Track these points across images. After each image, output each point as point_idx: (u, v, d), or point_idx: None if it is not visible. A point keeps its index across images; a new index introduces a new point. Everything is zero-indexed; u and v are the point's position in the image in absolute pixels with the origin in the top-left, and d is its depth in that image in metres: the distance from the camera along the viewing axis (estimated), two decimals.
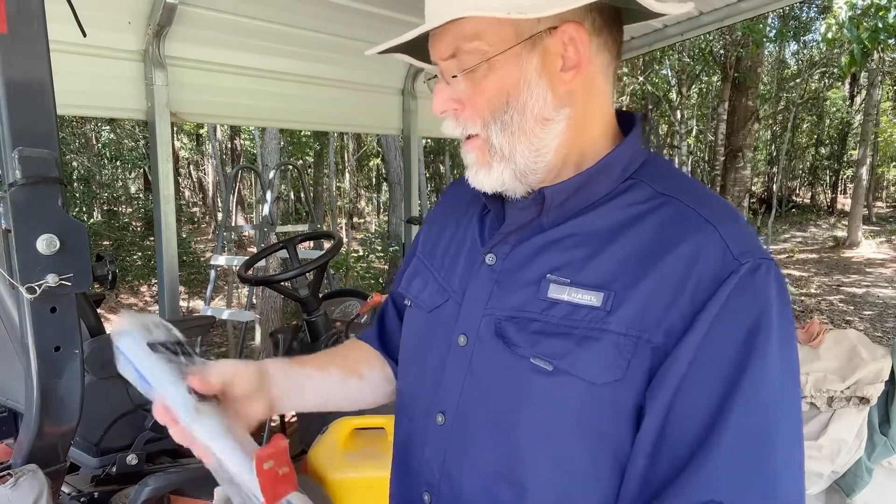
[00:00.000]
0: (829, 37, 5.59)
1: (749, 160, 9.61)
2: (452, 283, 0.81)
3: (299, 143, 13.44)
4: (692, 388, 0.64)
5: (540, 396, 0.69)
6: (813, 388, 1.92)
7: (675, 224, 0.68)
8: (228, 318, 4.10)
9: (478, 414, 0.75)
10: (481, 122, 0.73)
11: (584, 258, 0.70)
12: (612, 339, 0.66)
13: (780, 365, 0.64)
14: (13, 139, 1.12)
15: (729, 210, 0.71)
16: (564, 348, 0.67)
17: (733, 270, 0.64)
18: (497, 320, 0.73)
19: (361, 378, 0.94)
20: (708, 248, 0.66)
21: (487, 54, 0.69)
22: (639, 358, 0.65)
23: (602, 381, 0.66)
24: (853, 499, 1.98)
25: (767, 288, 0.65)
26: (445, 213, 0.91)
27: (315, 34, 2.93)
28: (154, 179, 2.70)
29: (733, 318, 0.64)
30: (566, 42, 0.70)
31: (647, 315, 0.65)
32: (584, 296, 0.68)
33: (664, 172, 0.75)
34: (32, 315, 1.17)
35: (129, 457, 1.89)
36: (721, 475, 0.61)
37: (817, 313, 8.33)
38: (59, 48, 1.80)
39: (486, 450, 0.74)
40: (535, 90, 0.71)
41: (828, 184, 22.90)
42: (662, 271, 0.66)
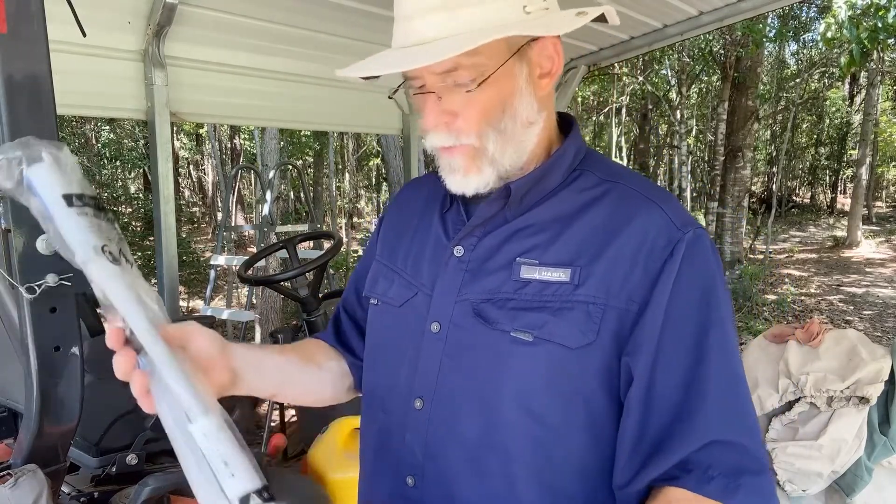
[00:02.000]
0: (829, 36, 5.58)
1: (749, 160, 9.60)
2: (420, 277, 0.87)
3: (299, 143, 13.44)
4: (669, 347, 0.73)
5: (520, 364, 0.76)
6: (813, 388, 1.92)
7: (624, 204, 0.79)
8: (228, 318, 4.10)
9: (459, 392, 0.80)
10: (476, 133, 0.78)
11: (548, 241, 0.79)
12: (583, 308, 0.75)
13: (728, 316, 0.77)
14: (13, 139, 1.12)
15: (664, 190, 0.84)
16: (542, 320, 0.76)
17: (679, 239, 0.75)
18: (473, 304, 0.80)
19: (320, 368, 0.97)
20: (655, 222, 0.77)
21: (488, 68, 0.75)
22: (607, 322, 0.75)
23: (577, 345, 0.75)
24: (853, 499, 1.98)
25: (708, 253, 0.77)
26: (401, 217, 0.97)
27: (315, 34, 2.93)
28: (154, 179, 2.70)
29: (690, 281, 0.75)
30: (543, 51, 0.79)
31: (610, 284, 0.75)
32: (553, 273, 0.77)
33: (602, 162, 0.87)
34: (32, 315, 1.17)
35: (129, 457, 1.89)
36: (713, 419, 0.71)
37: (817, 313, 8.33)
38: (59, 48, 1.79)
39: (471, 424, 0.79)
40: (525, 97, 0.79)
41: (827, 184, 22.90)
42: (619, 244, 0.76)
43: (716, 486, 0.70)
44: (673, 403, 0.72)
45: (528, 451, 0.77)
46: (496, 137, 0.78)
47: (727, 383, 0.73)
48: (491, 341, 0.78)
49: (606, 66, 4.82)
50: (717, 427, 0.71)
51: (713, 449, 0.71)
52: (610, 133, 15.52)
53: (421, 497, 0.83)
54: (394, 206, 1.03)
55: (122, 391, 1.99)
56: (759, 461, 0.72)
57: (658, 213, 0.77)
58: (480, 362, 0.79)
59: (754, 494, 0.70)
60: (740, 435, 0.72)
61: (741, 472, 0.71)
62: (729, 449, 0.71)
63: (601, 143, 17.69)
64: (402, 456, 0.85)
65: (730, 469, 0.70)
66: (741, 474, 0.70)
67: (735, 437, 0.71)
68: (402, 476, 0.85)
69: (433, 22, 0.73)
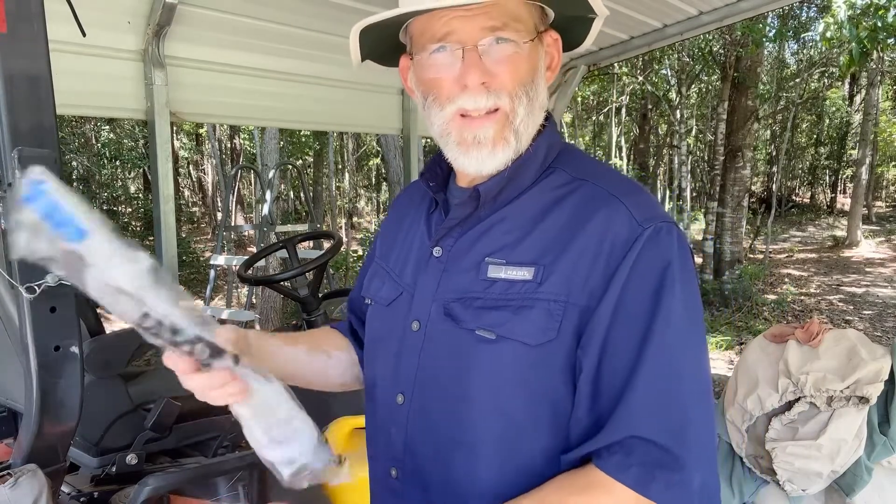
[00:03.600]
0: (828, 36, 5.58)
1: (748, 160, 9.60)
2: (405, 277, 0.91)
3: (299, 143, 13.44)
4: (614, 340, 0.74)
5: (485, 362, 0.78)
6: (812, 388, 1.92)
7: (588, 202, 0.79)
8: (228, 318, 4.10)
9: (432, 389, 0.84)
10: (509, 95, 0.79)
11: (516, 240, 0.81)
12: (544, 306, 0.76)
13: (684, 313, 0.75)
14: (13, 139, 1.12)
15: (632, 185, 0.83)
16: (503, 318, 0.77)
17: (639, 235, 0.76)
18: (446, 303, 0.83)
19: (329, 356, 1.02)
20: (616, 219, 0.77)
21: (527, 37, 0.79)
22: (568, 319, 0.76)
23: (538, 342, 0.76)
24: (853, 498, 1.98)
25: (669, 247, 0.76)
26: (397, 219, 1.01)
27: (315, 34, 2.93)
28: (154, 179, 2.70)
29: (642, 275, 0.75)
30: (551, 45, 0.84)
31: (572, 281, 0.76)
32: (518, 272, 0.78)
33: (578, 160, 0.87)
34: (32, 315, 1.17)
35: (128, 456, 1.89)
36: (638, 414, 0.72)
37: (817, 313, 8.33)
38: (58, 48, 1.79)
39: (441, 420, 0.82)
40: (542, 80, 0.83)
41: (827, 183, 22.90)
42: (581, 243, 0.77)
43: (631, 476, 0.71)
44: (614, 390, 0.73)
45: (492, 446, 0.79)
46: (526, 104, 0.80)
47: (661, 380, 0.72)
48: (458, 340, 0.80)
49: (606, 65, 4.82)
50: (639, 422, 0.71)
51: (633, 442, 0.71)
52: (610, 133, 15.51)
53: (402, 489, 0.88)
54: (391, 209, 1.07)
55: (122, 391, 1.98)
56: (678, 460, 0.71)
57: (620, 210, 0.77)
58: (450, 360, 0.81)
59: (671, 488, 0.71)
60: (659, 434, 0.71)
61: (657, 466, 0.71)
62: (647, 445, 0.71)
63: (601, 142, 17.69)
64: (388, 448, 0.90)
65: (646, 462, 0.71)
66: (656, 468, 0.71)
67: (654, 435, 0.71)
68: (387, 467, 0.90)
69: None
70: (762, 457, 2.02)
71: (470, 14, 0.76)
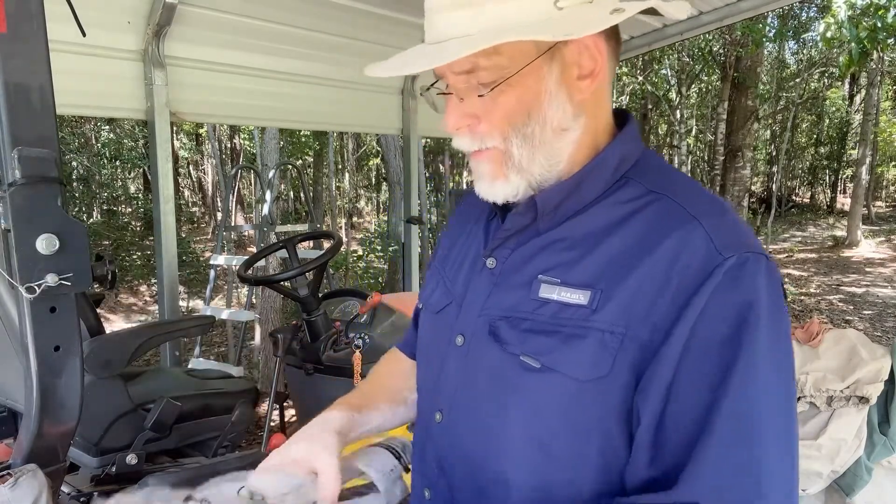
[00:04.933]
0: (828, 36, 5.58)
1: (748, 160, 9.61)
2: (456, 286, 0.84)
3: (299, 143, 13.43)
4: (681, 389, 0.64)
5: (529, 392, 0.71)
6: (812, 388, 1.92)
7: (662, 220, 0.69)
8: (228, 318, 4.09)
9: (469, 412, 0.77)
10: (500, 136, 0.72)
11: (575, 259, 0.72)
12: (597, 337, 0.67)
13: (770, 363, 0.64)
14: (13, 139, 1.12)
15: (716, 204, 0.71)
16: (551, 345, 0.69)
17: (717, 265, 0.64)
18: (492, 320, 0.75)
19: (407, 404, 0.97)
20: (691, 243, 0.66)
21: (508, 70, 0.68)
22: (625, 354, 0.66)
23: (587, 378, 0.67)
24: (853, 498, 1.98)
25: (754, 283, 0.65)
26: (460, 222, 0.93)
27: (315, 34, 2.94)
28: (154, 179, 2.70)
29: (716, 316, 0.64)
30: (582, 51, 0.70)
31: (632, 311, 0.66)
32: (573, 294, 0.70)
33: (657, 170, 0.76)
34: (32, 315, 1.17)
35: (128, 456, 1.89)
36: (705, 478, 0.62)
37: (817, 313, 8.33)
38: (58, 48, 1.80)
39: (477, 447, 0.76)
40: (556, 101, 0.71)
41: (827, 183, 22.90)
42: (648, 268, 0.67)
43: None
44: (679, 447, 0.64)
45: (529, 483, 0.72)
46: (521, 143, 0.72)
47: (738, 442, 0.62)
48: (501, 363, 0.73)
49: None
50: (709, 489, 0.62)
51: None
52: None
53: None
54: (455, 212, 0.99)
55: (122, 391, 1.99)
56: None
57: (698, 233, 0.66)
58: (490, 384, 0.75)
59: None
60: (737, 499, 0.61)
61: None
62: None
63: None
64: (423, 466, 0.85)
65: None
66: None
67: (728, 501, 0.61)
68: (422, 487, 0.85)
69: (455, 18, 0.68)
70: None
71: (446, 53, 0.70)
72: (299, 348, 2.53)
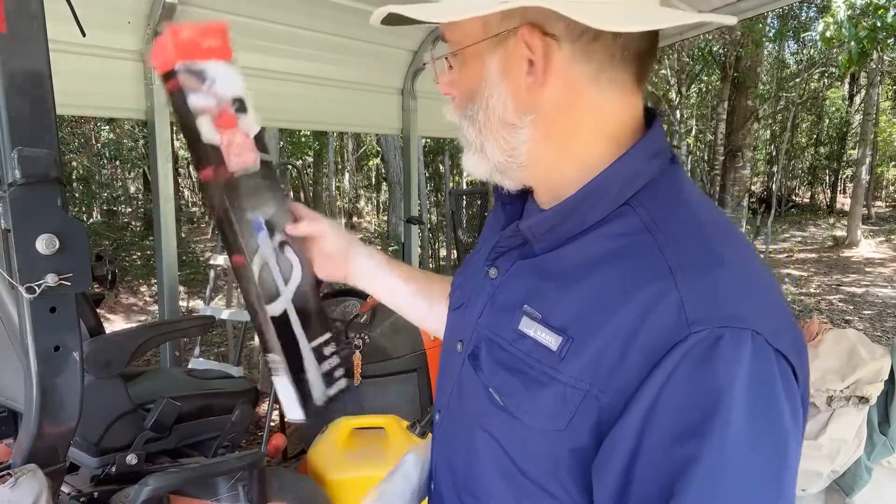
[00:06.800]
0: (828, 36, 5.58)
1: (748, 160, 9.61)
2: (468, 288, 0.80)
3: (299, 143, 13.44)
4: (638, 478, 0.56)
5: (496, 426, 0.67)
6: (812, 388, 1.92)
7: (640, 267, 0.59)
8: (228, 318, 4.09)
9: (457, 420, 0.76)
10: (459, 112, 0.70)
11: (558, 294, 0.64)
12: (559, 388, 0.60)
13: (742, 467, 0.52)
14: (12, 139, 1.12)
15: (709, 256, 0.59)
16: (514, 386, 0.65)
17: (681, 339, 0.54)
18: (478, 338, 0.72)
19: (430, 305, 0.98)
20: (662, 304, 0.56)
21: (461, 44, 0.67)
22: (585, 411, 0.59)
23: (541, 429, 0.62)
24: (853, 498, 1.98)
25: (728, 367, 0.53)
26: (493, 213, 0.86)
27: (315, 34, 2.94)
28: (154, 179, 2.70)
29: (675, 403, 0.54)
30: (525, 44, 0.63)
31: (598, 368, 0.58)
32: (547, 336, 0.63)
33: (668, 196, 0.65)
34: (32, 315, 1.17)
35: (128, 457, 1.89)
36: None
37: (817, 313, 8.33)
38: (58, 48, 1.79)
39: (459, 456, 0.75)
40: (496, 91, 0.66)
41: (827, 183, 22.90)
42: (618, 322, 0.58)
43: None
44: None
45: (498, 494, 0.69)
46: (469, 125, 0.69)
47: None
48: (477, 390, 0.70)
49: None
50: None
51: None
52: None
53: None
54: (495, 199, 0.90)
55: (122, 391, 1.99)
56: None
57: (671, 294, 0.56)
58: (472, 402, 0.72)
59: None
60: None
61: None
62: None
63: None
64: (433, 461, 0.84)
65: None
66: None
67: None
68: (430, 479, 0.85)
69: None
70: None
71: None
72: None
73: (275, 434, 2.50)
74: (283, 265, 0.90)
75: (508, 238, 0.71)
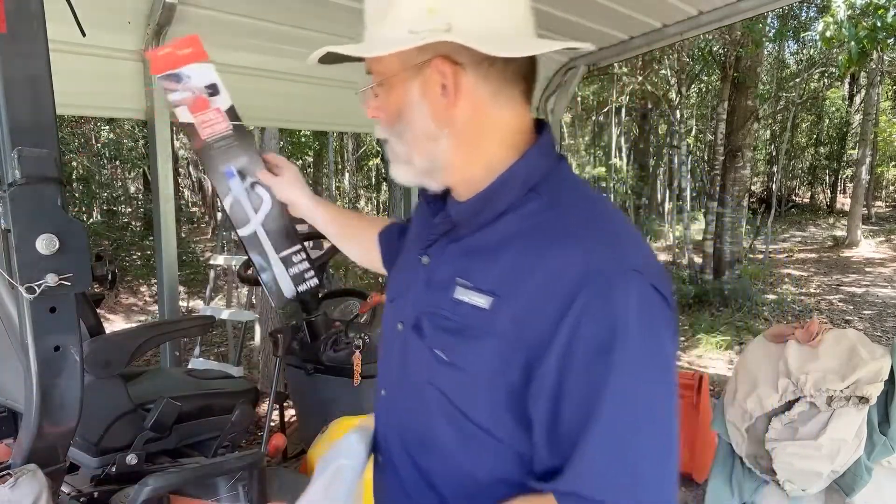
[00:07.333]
0: (828, 36, 5.58)
1: (748, 160, 9.60)
2: (402, 280, 0.97)
3: (299, 143, 13.43)
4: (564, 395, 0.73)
5: (442, 381, 0.83)
6: (812, 388, 1.92)
7: (550, 236, 0.77)
8: (228, 318, 4.09)
9: (404, 391, 0.91)
10: (388, 130, 0.87)
11: (485, 265, 0.81)
12: (493, 338, 0.77)
13: (640, 374, 0.72)
14: (12, 139, 1.12)
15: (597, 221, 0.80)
16: (457, 343, 0.81)
17: (586, 285, 0.71)
18: (418, 314, 0.87)
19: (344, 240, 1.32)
20: (569, 260, 0.74)
21: (384, 75, 0.84)
22: (515, 353, 0.75)
23: (481, 374, 0.78)
24: (853, 498, 1.98)
25: (622, 301, 0.71)
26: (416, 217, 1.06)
27: (315, 34, 2.93)
28: (154, 179, 2.69)
29: (587, 332, 0.71)
30: (438, 73, 0.80)
31: (523, 319, 0.75)
32: (479, 299, 0.79)
33: (562, 184, 0.84)
34: (32, 315, 1.17)
35: (128, 457, 1.89)
36: (588, 473, 0.72)
37: (817, 313, 8.33)
38: (58, 48, 1.79)
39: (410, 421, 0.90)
40: (418, 110, 0.83)
41: (827, 183, 22.90)
42: (536, 279, 0.75)
43: None
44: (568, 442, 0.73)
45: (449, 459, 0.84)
46: (397, 140, 0.87)
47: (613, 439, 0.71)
48: (422, 354, 0.85)
49: (606, 65, 4.82)
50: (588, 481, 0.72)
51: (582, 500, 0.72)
52: (610, 133, 15.50)
53: (383, 474, 0.97)
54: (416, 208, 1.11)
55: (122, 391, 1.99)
56: None
57: (575, 252, 0.74)
58: (417, 368, 0.87)
59: None
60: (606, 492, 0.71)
61: None
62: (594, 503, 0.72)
63: (601, 143, 17.68)
64: (377, 436, 0.99)
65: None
66: None
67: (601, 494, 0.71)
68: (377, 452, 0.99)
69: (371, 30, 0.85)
70: (762, 457, 2.02)
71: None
72: (299, 348, 2.53)
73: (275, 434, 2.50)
74: (254, 199, 1.25)
75: (439, 225, 0.89)
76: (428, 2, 0.79)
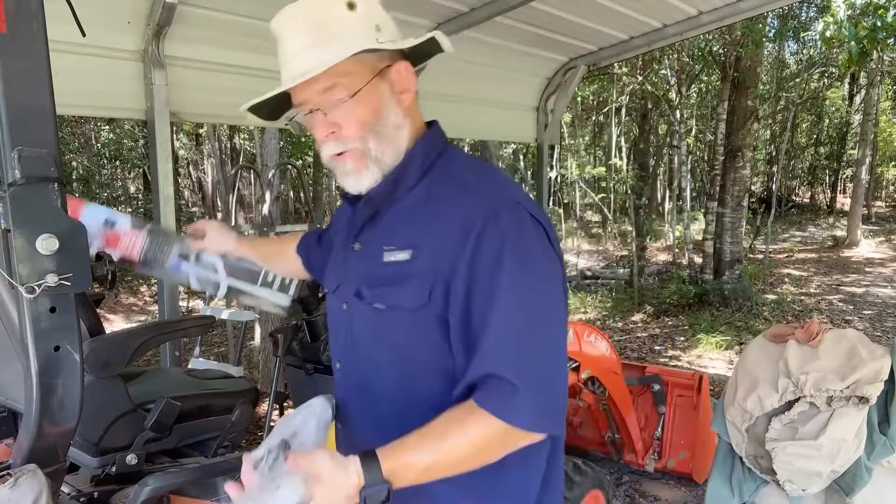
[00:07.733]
0: (828, 35, 5.58)
1: (748, 160, 9.59)
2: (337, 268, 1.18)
3: (299, 143, 13.43)
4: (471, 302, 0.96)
5: (384, 327, 1.05)
6: (812, 388, 1.92)
7: (451, 194, 1.03)
8: (228, 318, 4.09)
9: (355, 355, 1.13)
10: (359, 136, 1.03)
11: (403, 230, 1.04)
12: (417, 280, 1.00)
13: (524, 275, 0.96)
14: (13, 139, 1.12)
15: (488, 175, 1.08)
16: (390, 292, 1.03)
17: (483, 216, 0.97)
18: (358, 285, 1.08)
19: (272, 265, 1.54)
20: (467, 203, 1.00)
21: (358, 85, 1.01)
22: (436, 287, 0.99)
23: (413, 307, 1.01)
24: (853, 498, 1.98)
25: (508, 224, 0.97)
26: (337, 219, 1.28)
27: None
28: (154, 179, 2.70)
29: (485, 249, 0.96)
30: (400, 73, 1.05)
31: (438, 257, 0.99)
32: (401, 254, 1.02)
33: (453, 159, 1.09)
34: (32, 315, 1.17)
35: (128, 457, 1.88)
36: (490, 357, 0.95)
37: (817, 313, 8.33)
38: (58, 48, 1.79)
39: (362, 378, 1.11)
40: (390, 105, 1.05)
41: (827, 183, 22.89)
42: (444, 226, 0.99)
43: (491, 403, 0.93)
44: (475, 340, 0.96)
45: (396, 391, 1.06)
46: (375, 139, 1.03)
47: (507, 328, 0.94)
48: (365, 313, 1.07)
49: (606, 65, 4.82)
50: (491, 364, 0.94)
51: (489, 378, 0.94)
52: (609, 133, 15.50)
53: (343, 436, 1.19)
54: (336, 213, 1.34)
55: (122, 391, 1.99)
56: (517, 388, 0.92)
57: (471, 198, 1.00)
58: (363, 329, 1.09)
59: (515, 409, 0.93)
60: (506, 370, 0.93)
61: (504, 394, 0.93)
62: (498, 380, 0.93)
63: (601, 142, 17.68)
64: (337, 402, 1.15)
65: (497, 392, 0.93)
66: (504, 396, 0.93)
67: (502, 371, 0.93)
68: (337, 420, 1.17)
69: (310, 55, 0.99)
70: (762, 457, 2.02)
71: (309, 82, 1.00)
72: (299, 348, 2.53)
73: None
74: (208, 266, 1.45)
75: (362, 211, 1.10)
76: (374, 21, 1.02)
